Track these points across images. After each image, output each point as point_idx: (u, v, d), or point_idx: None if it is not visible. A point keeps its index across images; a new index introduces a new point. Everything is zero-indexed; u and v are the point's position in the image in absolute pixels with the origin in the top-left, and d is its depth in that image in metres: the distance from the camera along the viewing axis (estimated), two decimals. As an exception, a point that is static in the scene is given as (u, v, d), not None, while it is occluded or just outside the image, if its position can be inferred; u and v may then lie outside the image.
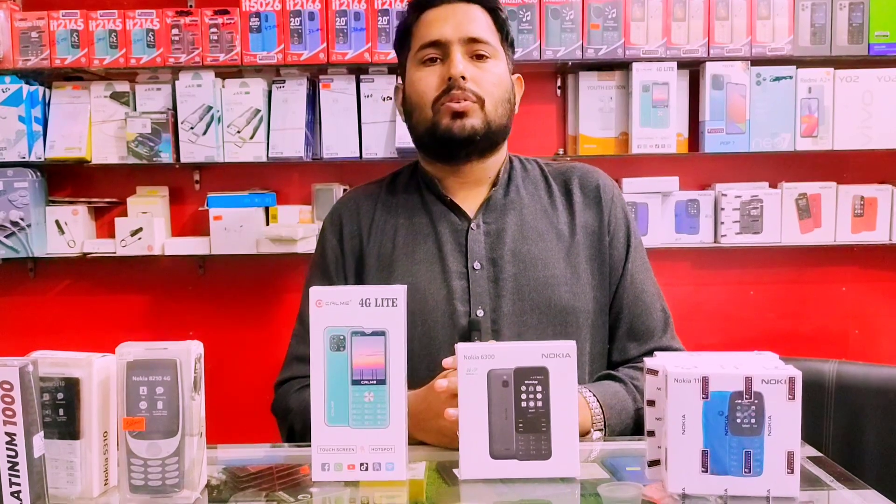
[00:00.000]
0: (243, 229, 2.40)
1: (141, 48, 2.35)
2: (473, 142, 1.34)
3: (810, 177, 2.45)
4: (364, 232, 1.41)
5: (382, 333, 0.97)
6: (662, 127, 2.35)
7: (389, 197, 1.45)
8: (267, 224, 2.45)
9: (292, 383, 1.36)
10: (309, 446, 0.99)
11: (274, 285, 2.57)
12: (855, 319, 2.56)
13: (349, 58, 2.34)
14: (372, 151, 2.39)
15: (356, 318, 0.97)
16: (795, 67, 2.36)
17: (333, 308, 0.97)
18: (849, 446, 1.49)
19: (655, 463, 0.94)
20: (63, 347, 0.98)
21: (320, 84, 2.41)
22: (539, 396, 0.96)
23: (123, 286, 2.57)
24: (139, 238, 2.40)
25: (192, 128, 2.36)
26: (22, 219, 2.36)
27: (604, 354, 1.38)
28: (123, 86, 2.42)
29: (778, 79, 2.36)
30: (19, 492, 0.82)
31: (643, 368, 0.96)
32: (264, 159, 2.39)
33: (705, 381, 0.88)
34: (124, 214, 2.46)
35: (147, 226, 2.40)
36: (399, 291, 0.98)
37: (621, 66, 2.41)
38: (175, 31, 2.34)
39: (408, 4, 1.44)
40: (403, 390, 0.98)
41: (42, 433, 0.84)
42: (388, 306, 0.97)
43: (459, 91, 1.32)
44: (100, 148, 2.41)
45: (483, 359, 0.97)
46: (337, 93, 2.39)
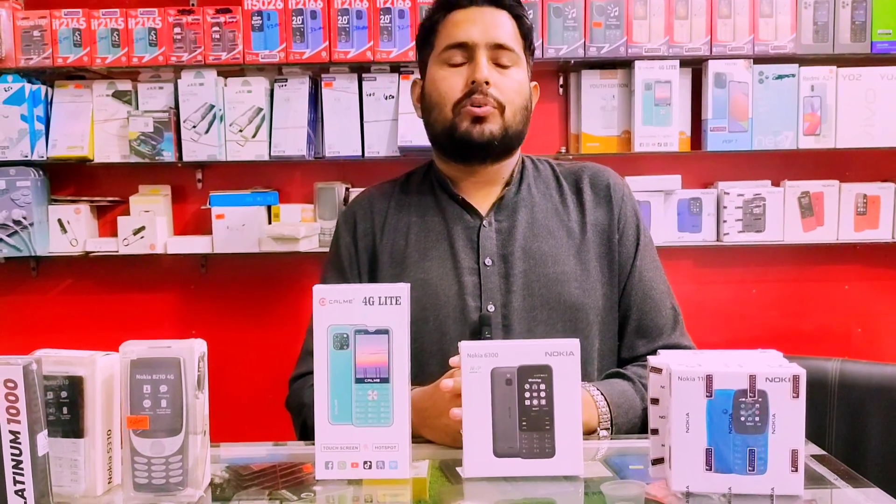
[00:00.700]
0: (245, 228, 2.40)
1: (143, 47, 2.35)
2: (491, 146, 1.36)
3: (813, 175, 2.44)
4: (377, 230, 1.43)
5: (386, 332, 0.97)
6: (665, 125, 2.35)
7: (403, 196, 1.47)
8: (269, 223, 2.45)
9: (307, 378, 1.36)
10: (312, 444, 0.99)
11: (276, 284, 2.57)
12: (858, 318, 2.56)
13: (351, 56, 2.34)
14: (374, 150, 2.39)
15: (360, 317, 0.97)
16: (798, 65, 2.36)
17: (337, 306, 0.97)
18: (852, 445, 1.48)
19: (659, 461, 0.93)
20: (65, 346, 0.97)
21: (322, 83, 2.40)
22: (542, 395, 0.96)
23: (126, 285, 2.57)
24: (141, 237, 2.40)
25: (195, 126, 2.36)
26: (24, 218, 2.36)
27: (613, 351, 1.39)
28: (125, 84, 2.42)
29: (780, 77, 2.35)
30: (23, 490, 0.82)
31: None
32: (266, 158, 2.39)
33: (709, 379, 0.88)
34: (126, 213, 2.46)
35: (149, 224, 2.40)
36: (402, 290, 0.98)
37: (624, 65, 2.41)
38: (177, 30, 2.34)
39: (434, 1, 1.45)
40: (407, 388, 0.98)
41: (46, 431, 0.84)
42: (392, 304, 0.97)
43: (481, 96, 1.34)
44: (102, 147, 2.41)
45: (486, 357, 0.97)
46: (339, 91, 2.39)
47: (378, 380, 0.97)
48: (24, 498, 0.82)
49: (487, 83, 1.34)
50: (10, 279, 2.55)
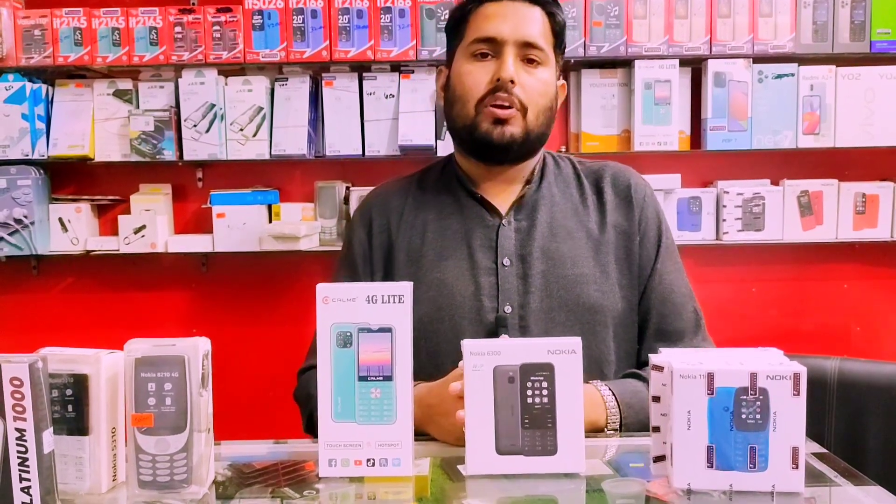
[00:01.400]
0: (246, 227, 2.41)
1: (144, 46, 2.35)
2: (511, 149, 1.34)
3: (812, 174, 2.45)
4: (393, 226, 1.41)
5: (389, 330, 0.97)
6: (664, 124, 2.36)
7: (420, 192, 1.44)
8: (270, 221, 2.45)
9: (315, 371, 1.35)
10: (315, 442, 0.99)
11: (277, 283, 2.57)
12: (857, 316, 2.56)
13: (352, 56, 2.34)
14: (374, 149, 2.39)
15: (363, 315, 0.97)
16: (797, 65, 2.36)
17: (340, 305, 0.97)
18: (851, 443, 1.49)
19: (660, 458, 0.94)
20: (66, 344, 0.97)
21: (323, 82, 2.41)
22: (545, 393, 0.96)
23: (126, 284, 2.57)
24: (142, 236, 2.40)
25: (195, 125, 2.36)
26: (25, 216, 2.37)
27: (632, 354, 1.37)
28: (126, 83, 2.42)
29: (780, 76, 2.36)
30: (29, 487, 0.82)
31: None
32: (267, 157, 2.39)
33: (710, 377, 0.88)
34: (127, 212, 2.46)
35: (150, 223, 2.40)
36: (405, 288, 0.98)
37: (623, 64, 2.41)
38: (178, 29, 2.35)
39: None
40: (410, 387, 0.98)
41: (51, 429, 0.85)
42: (395, 303, 0.97)
43: (505, 95, 1.31)
44: (103, 146, 2.41)
45: (489, 355, 0.97)
46: (339, 90, 2.40)
47: (381, 378, 0.98)
48: (30, 495, 0.82)
49: (513, 82, 1.31)
50: (11, 278, 2.55)
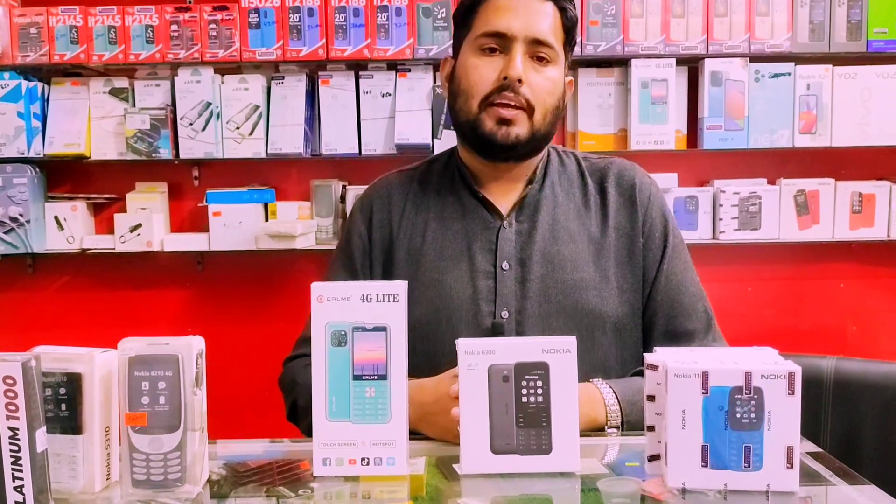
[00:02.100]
0: (242, 225, 2.41)
1: (140, 44, 2.35)
2: (515, 149, 1.31)
3: (809, 173, 2.45)
4: (395, 222, 1.38)
5: (384, 329, 0.97)
6: (661, 123, 2.36)
7: (423, 188, 1.41)
8: (266, 220, 2.45)
9: (302, 359, 1.34)
10: (309, 441, 0.99)
11: (273, 281, 2.57)
12: (853, 316, 2.57)
13: (348, 54, 2.34)
14: (371, 148, 2.39)
15: (357, 314, 0.97)
16: (794, 64, 2.36)
17: (335, 303, 0.97)
18: (847, 442, 1.49)
19: (655, 458, 0.94)
20: (62, 343, 0.97)
21: (319, 80, 2.41)
22: (539, 392, 0.96)
23: (122, 282, 2.57)
24: (138, 234, 2.40)
25: (191, 124, 2.36)
26: (21, 215, 2.36)
27: (636, 358, 1.33)
28: (122, 82, 2.42)
29: (776, 75, 2.36)
30: (22, 486, 0.82)
31: None
32: (263, 155, 2.39)
33: (705, 376, 0.88)
34: (123, 210, 2.46)
35: (146, 222, 2.40)
36: (400, 287, 0.98)
37: (620, 63, 2.42)
38: (174, 27, 2.34)
39: None
40: (404, 386, 0.98)
41: (44, 428, 0.84)
42: (390, 302, 0.97)
43: (512, 94, 1.28)
44: (99, 144, 2.41)
45: (484, 354, 0.97)
46: (336, 89, 2.40)
47: (376, 377, 0.97)
48: (23, 494, 0.82)
49: (520, 81, 1.27)
50: (7, 276, 2.55)
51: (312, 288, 0.98)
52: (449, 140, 2.29)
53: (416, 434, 1.13)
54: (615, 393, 1.20)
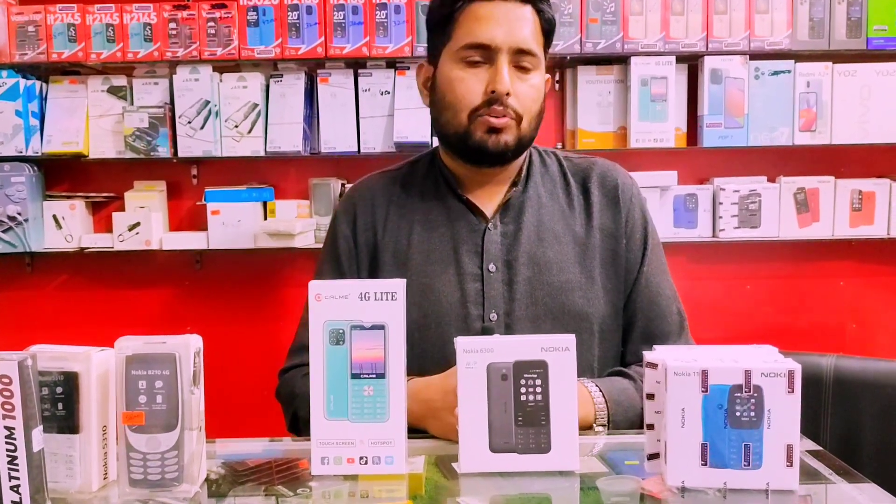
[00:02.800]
0: (241, 224, 2.40)
1: (138, 42, 2.35)
2: (504, 156, 1.31)
3: (808, 171, 2.45)
4: (379, 225, 1.38)
5: (382, 327, 0.97)
6: (661, 121, 2.36)
7: (406, 189, 1.41)
8: (265, 219, 2.45)
9: (299, 370, 1.33)
10: (308, 440, 0.99)
11: (271, 280, 2.57)
12: (853, 313, 2.56)
13: (347, 52, 2.34)
14: (370, 146, 2.39)
15: (356, 312, 0.97)
16: (794, 62, 2.36)
17: (333, 302, 0.97)
18: (846, 440, 1.49)
19: (655, 456, 0.94)
20: (61, 342, 0.97)
21: (318, 78, 2.40)
22: (538, 390, 0.96)
23: (121, 281, 2.57)
24: (137, 233, 2.39)
25: (190, 122, 2.35)
26: (19, 213, 2.36)
27: (616, 357, 1.36)
28: (121, 80, 2.42)
29: (776, 73, 2.36)
30: (18, 486, 0.82)
31: None
32: (262, 154, 2.39)
33: (705, 375, 0.88)
34: (122, 209, 2.46)
35: (145, 220, 2.40)
36: (398, 285, 0.97)
37: (620, 61, 2.41)
38: (172, 25, 2.34)
39: None
40: (403, 384, 0.98)
41: (41, 427, 0.84)
42: (388, 300, 0.97)
43: (501, 107, 1.27)
44: (97, 142, 2.41)
45: (482, 352, 0.97)
46: (335, 87, 2.39)
47: (374, 375, 0.97)
48: (20, 494, 0.82)
49: (508, 94, 1.26)
50: (5, 275, 2.55)
51: (310, 286, 0.97)
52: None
53: (416, 432, 1.13)
54: (602, 392, 1.21)
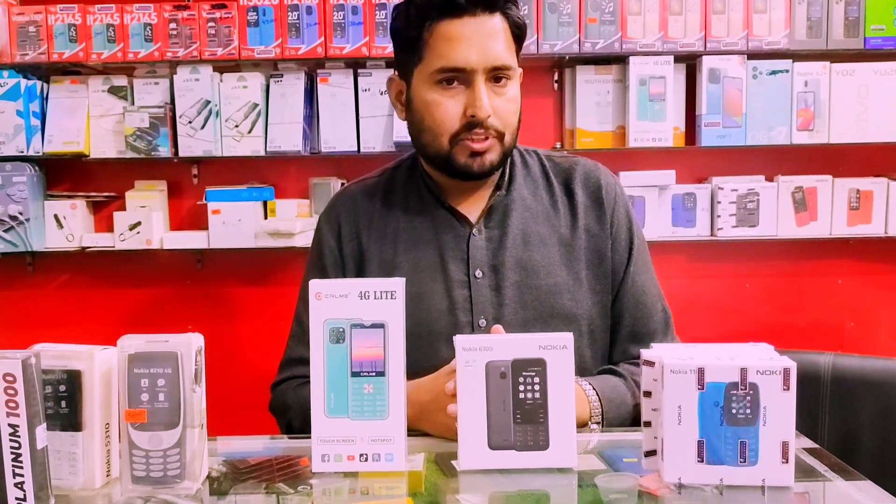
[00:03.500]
0: (241, 223, 2.41)
1: (139, 42, 2.35)
2: (490, 173, 1.30)
3: (806, 170, 2.46)
4: (363, 233, 1.36)
5: (381, 326, 0.98)
6: (659, 120, 2.36)
7: (389, 197, 1.39)
8: (265, 218, 2.45)
9: (290, 382, 1.34)
10: (308, 438, 0.99)
11: (272, 279, 2.57)
12: (850, 312, 2.57)
13: (347, 52, 2.34)
14: (370, 145, 2.40)
15: (356, 311, 0.98)
16: (792, 61, 2.37)
17: (333, 301, 0.98)
18: (844, 438, 1.49)
19: (652, 453, 0.94)
20: (62, 341, 0.98)
21: (318, 78, 2.41)
22: (537, 388, 0.97)
23: (122, 280, 2.57)
24: (138, 232, 2.40)
25: (191, 122, 2.36)
26: (20, 213, 2.37)
27: (604, 357, 1.36)
28: (121, 80, 2.42)
29: (774, 72, 2.37)
30: (22, 483, 0.83)
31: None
32: (262, 153, 2.40)
33: (701, 372, 0.88)
34: (123, 208, 2.46)
35: (145, 220, 2.41)
36: (398, 284, 0.98)
37: (618, 60, 2.42)
38: (173, 26, 2.34)
39: (414, 4, 1.27)
40: (402, 382, 0.99)
41: (45, 425, 0.85)
42: (387, 299, 0.98)
43: (482, 129, 1.24)
44: (98, 142, 2.41)
45: (481, 351, 0.98)
46: (335, 87, 2.40)
47: (374, 373, 0.98)
48: (24, 491, 0.83)
49: (489, 116, 1.24)
50: (7, 274, 2.55)
51: (311, 285, 0.98)
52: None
53: (415, 431, 1.14)
54: (596, 390, 1.21)
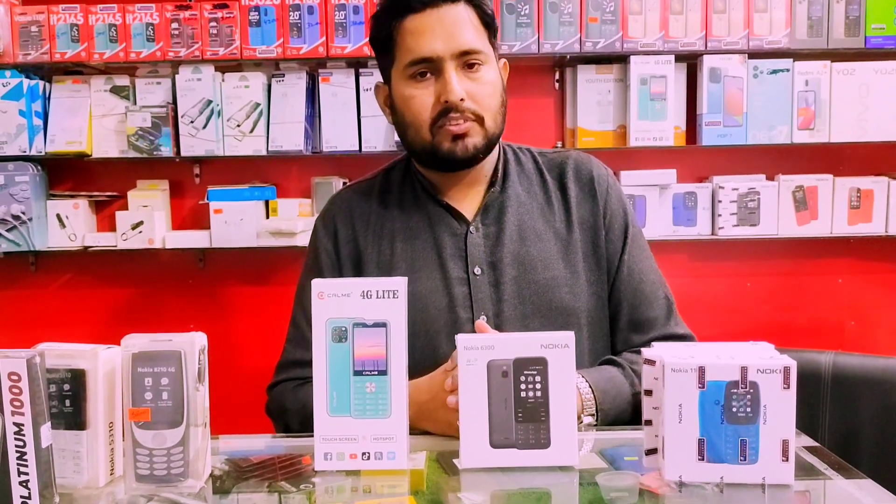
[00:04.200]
0: (243, 222, 2.41)
1: (141, 42, 2.36)
2: (476, 158, 1.31)
3: (807, 169, 2.46)
4: (360, 235, 1.37)
5: (384, 325, 0.98)
6: (660, 120, 2.36)
7: (384, 198, 1.40)
8: (267, 217, 2.46)
9: (287, 384, 1.34)
10: (310, 437, 1.00)
11: (274, 278, 2.58)
12: (851, 311, 2.57)
13: (348, 52, 2.35)
14: (371, 145, 2.40)
15: (358, 310, 0.98)
16: (792, 60, 2.37)
17: (335, 300, 0.98)
18: (845, 437, 1.49)
19: (653, 451, 0.95)
20: (65, 340, 0.98)
21: (319, 78, 2.41)
22: (538, 386, 0.97)
23: (124, 279, 2.58)
24: (140, 231, 2.41)
25: (192, 122, 2.37)
26: (23, 212, 2.37)
27: (606, 348, 1.37)
28: (123, 80, 2.43)
29: (775, 72, 2.37)
30: (27, 481, 0.83)
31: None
32: (264, 153, 2.40)
33: (702, 371, 0.89)
34: (125, 208, 2.47)
35: (148, 219, 2.41)
36: (400, 283, 0.99)
37: (619, 60, 2.42)
38: (174, 25, 2.35)
39: (381, 5, 1.31)
40: (404, 381, 0.99)
41: (49, 424, 0.85)
42: (390, 298, 0.98)
43: (458, 114, 1.26)
44: (100, 142, 2.42)
45: (483, 349, 0.98)
46: (336, 86, 2.40)
47: (376, 372, 0.98)
48: (28, 489, 0.83)
49: (462, 99, 1.25)
50: (10, 274, 2.56)
51: (313, 284, 0.99)
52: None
53: (418, 429, 1.14)
54: (588, 382, 1.21)
